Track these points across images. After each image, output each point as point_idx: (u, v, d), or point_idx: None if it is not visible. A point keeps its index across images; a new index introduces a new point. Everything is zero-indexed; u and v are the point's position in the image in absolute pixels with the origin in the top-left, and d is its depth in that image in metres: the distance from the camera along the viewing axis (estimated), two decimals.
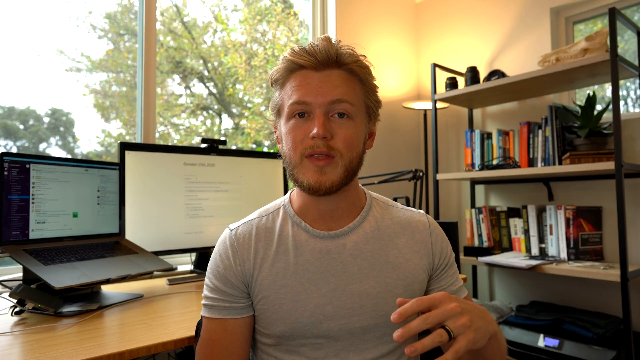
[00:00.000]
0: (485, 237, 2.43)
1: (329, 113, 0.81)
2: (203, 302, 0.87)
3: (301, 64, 0.82)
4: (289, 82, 0.84)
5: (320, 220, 0.88)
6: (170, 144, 2.20)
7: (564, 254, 2.11)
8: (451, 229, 2.00)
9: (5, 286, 1.38)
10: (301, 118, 0.82)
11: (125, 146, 1.63)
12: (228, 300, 0.85)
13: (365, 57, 0.87)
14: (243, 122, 2.57)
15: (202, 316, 0.87)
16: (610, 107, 1.85)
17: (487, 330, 0.66)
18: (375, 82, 0.88)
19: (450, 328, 0.62)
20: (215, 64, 2.48)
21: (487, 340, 0.69)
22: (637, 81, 2.17)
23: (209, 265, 0.90)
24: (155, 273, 1.64)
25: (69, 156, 1.88)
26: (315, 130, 0.79)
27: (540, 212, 2.24)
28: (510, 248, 2.35)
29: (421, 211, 0.97)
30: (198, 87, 2.42)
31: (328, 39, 0.83)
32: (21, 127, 1.87)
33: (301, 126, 0.82)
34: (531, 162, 2.21)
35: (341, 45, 0.84)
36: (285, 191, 2.05)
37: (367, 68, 0.86)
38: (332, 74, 0.82)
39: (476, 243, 2.47)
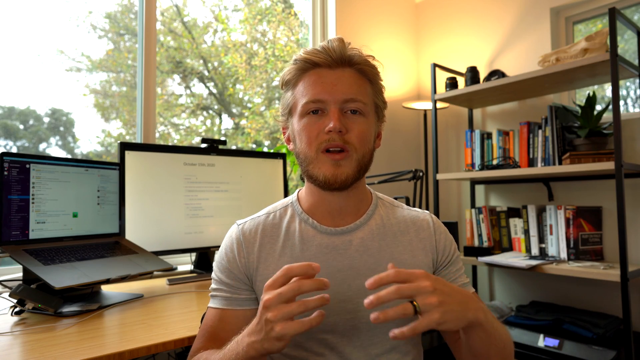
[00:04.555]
0: (485, 237, 2.43)
1: (343, 109, 0.84)
2: (209, 293, 0.91)
3: (316, 61, 0.84)
4: (302, 81, 0.86)
5: (328, 217, 0.90)
6: (170, 144, 2.20)
7: (564, 254, 2.11)
8: (451, 229, 2.01)
9: (5, 286, 1.38)
10: (315, 114, 0.84)
11: (125, 146, 1.63)
12: (229, 291, 0.87)
13: (373, 57, 0.90)
14: (243, 122, 2.57)
15: (208, 306, 0.91)
16: (610, 107, 1.85)
17: (462, 315, 0.66)
18: (382, 83, 0.91)
19: (418, 304, 0.63)
20: (215, 64, 2.48)
21: (471, 328, 0.70)
22: (637, 81, 2.17)
23: (215, 258, 0.94)
24: (155, 273, 1.64)
25: (69, 156, 1.89)
26: (331, 124, 0.81)
27: (540, 212, 2.24)
28: (510, 248, 2.35)
29: (426, 211, 0.99)
30: (198, 87, 2.42)
31: (341, 40, 0.86)
32: (21, 127, 1.87)
33: (315, 122, 0.84)
34: (531, 162, 2.21)
35: (351, 46, 0.87)
36: (286, 191, 2.05)
37: (376, 69, 0.90)
38: (345, 73, 0.85)
39: (476, 243, 2.47)
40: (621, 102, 2.03)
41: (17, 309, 1.17)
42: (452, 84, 2.47)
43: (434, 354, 2.14)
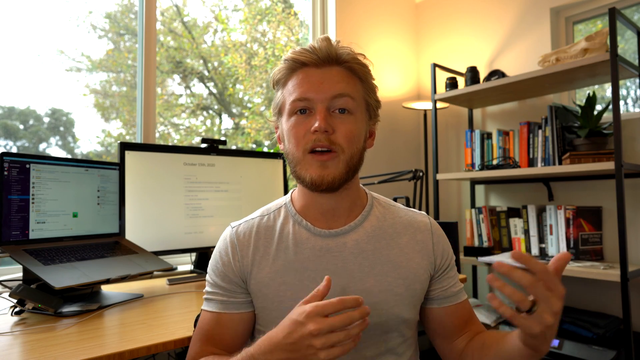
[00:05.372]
0: (485, 237, 2.43)
1: (330, 108, 0.82)
2: (204, 296, 0.90)
3: (302, 61, 0.83)
4: (291, 80, 0.85)
5: (322, 219, 0.88)
6: (170, 144, 2.20)
7: None
8: (451, 229, 2.00)
9: (5, 286, 1.38)
10: (302, 114, 0.83)
11: (125, 146, 1.63)
12: (226, 294, 0.87)
13: (364, 55, 0.88)
14: (243, 122, 2.57)
15: (201, 309, 0.90)
16: (610, 107, 1.85)
17: (545, 346, 0.69)
18: (374, 82, 0.89)
19: (537, 308, 0.63)
20: (215, 64, 2.48)
21: (529, 354, 0.73)
22: (637, 81, 2.17)
23: (210, 261, 0.92)
24: (155, 273, 1.64)
25: (69, 156, 1.89)
26: (317, 124, 0.80)
27: (540, 212, 2.24)
28: (510, 248, 2.35)
29: (423, 212, 0.97)
30: (198, 87, 2.42)
31: (327, 39, 0.85)
32: (21, 127, 1.87)
33: (302, 122, 0.83)
34: (531, 162, 2.21)
35: (340, 45, 0.85)
36: (286, 191, 2.04)
37: (366, 67, 0.88)
38: (332, 70, 0.84)
39: (476, 243, 2.47)
40: (621, 102, 2.03)
41: (17, 309, 1.17)
42: (452, 84, 2.47)
43: (434, 354, 2.14)
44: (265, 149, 2.59)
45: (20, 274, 1.35)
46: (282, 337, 0.68)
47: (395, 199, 1.97)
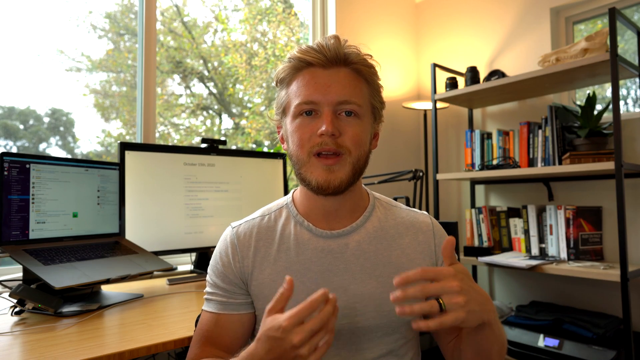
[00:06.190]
0: (485, 237, 2.43)
1: (337, 111, 0.81)
2: (204, 296, 0.90)
3: (309, 61, 0.82)
4: (296, 80, 0.84)
5: (324, 220, 0.88)
6: (170, 144, 2.20)
7: (564, 254, 2.11)
8: (451, 229, 2.01)
9: (5, 286, 1.38)
10: (308, 116, 0.82)
11: (125, 146, 1.63)
12: (225, 295, 0.86)
13: (371, 56, 0.87)
14: (243, 122, 2.57)
15: (202, 309, 0.90)
16: (610, 107, 1.85)
17: (480, 315, 0.68)
18: (380, 82, 0.89)
19: (444, 302, 0.66)
20: (215, 64, 2.48)
21: (481, 327, 0.72)
22: (637, 81, 2.17)
23: (210, 261, 0.92)
24: (155, 273, 1.64)
25: (69, 156, 1.89)
26: (324, 128, 0.79)
27: (540, 212, 2.24)
28: (510, 248, 2.35)
29: (424, 212, 0.97)
30: (198, 87, 2.42)
31: (337, 38, 0.83)
32: (21, 127, 1.87)
33: (308, 124, 0.81)
34: (531, 162, 2.21)
35: (348, 44, 0.84)
36: (286, 191, 2.04)
37: (373, 68, 0.87)
38: (339, 72, 0.82)
39: (476, 243, 2.47)
40: (621, 102, 2.02)
41: (17, 309, 1.17)
42: (452, 84, 2.47)
43: (434, 354, 2.14)
44: (265, 149, 2.59)
45: (20, 274, 1.35)
46: (264, 353, 0.66)
47: (395, 199, 1.97)
